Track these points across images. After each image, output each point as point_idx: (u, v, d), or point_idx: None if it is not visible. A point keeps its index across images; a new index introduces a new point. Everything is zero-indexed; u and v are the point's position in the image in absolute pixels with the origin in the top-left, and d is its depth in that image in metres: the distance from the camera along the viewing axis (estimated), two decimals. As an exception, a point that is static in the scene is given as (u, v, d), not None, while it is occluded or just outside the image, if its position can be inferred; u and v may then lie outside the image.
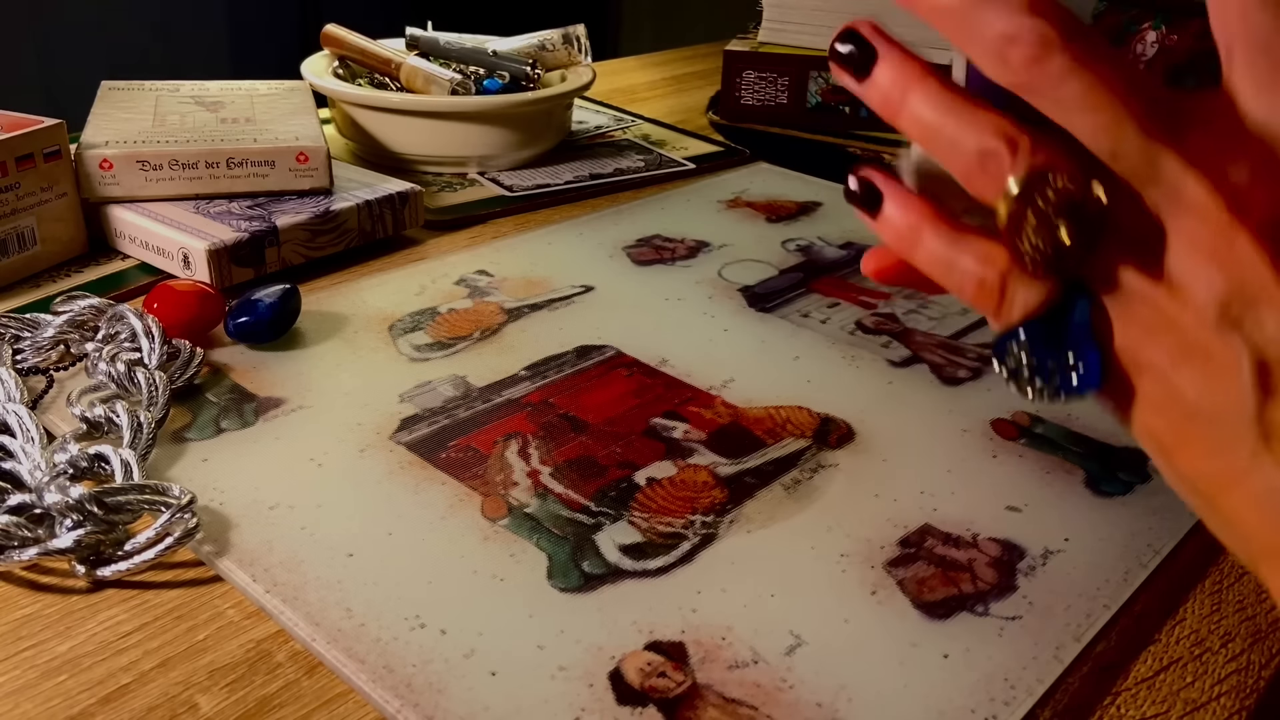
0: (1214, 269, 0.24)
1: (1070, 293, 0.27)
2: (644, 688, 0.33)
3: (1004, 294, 0.27)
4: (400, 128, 0.77)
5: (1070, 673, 0.34)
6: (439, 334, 0.54)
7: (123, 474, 0.40)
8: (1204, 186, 0.24)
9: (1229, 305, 0.24)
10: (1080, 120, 0.25)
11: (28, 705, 0.32)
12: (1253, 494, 0.24)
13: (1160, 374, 0.26)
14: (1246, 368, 0.24)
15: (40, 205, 0.57)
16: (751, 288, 0.61)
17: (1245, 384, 0.24)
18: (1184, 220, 0.24)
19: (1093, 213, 0.25)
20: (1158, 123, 0.24)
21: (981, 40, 0.25)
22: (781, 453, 0.45)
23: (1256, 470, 0.24)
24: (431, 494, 0.41)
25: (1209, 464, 0.25)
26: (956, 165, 0.27)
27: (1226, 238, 0.24)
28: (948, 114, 0.27)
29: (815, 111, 0.96)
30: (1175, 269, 0.24)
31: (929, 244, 0.28)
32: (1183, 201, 0.24)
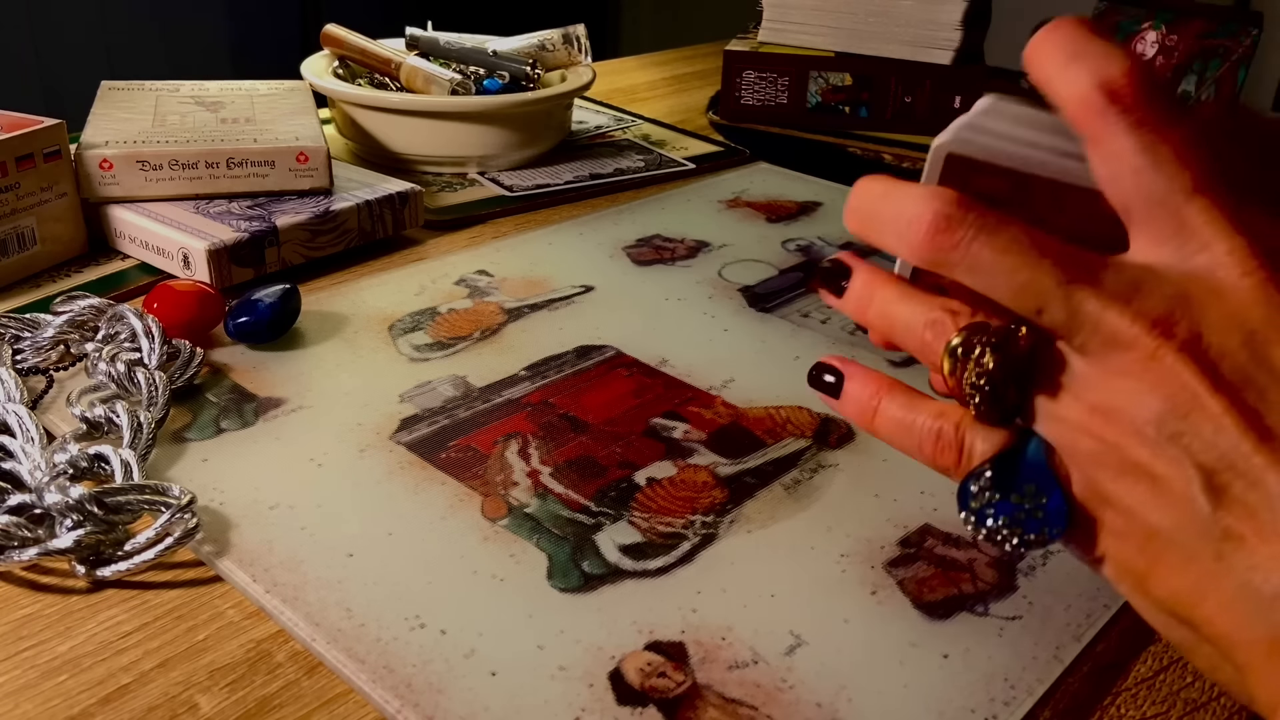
0: (1145, 390, 0.25)
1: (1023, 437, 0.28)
2: (644, 688, 0.33)
3: (961, 445, 0.29)
4: (400, 128, 0.77)
5: (1070, 673, 0.34)
6: (439, 334, 0.54)
7: (123, 474, 0.40)
8: (1125, 318, 0.26)
9: (1164, 422, 0.25)
10: (999, 285, 0.27)
11: (28, 705, 0.32)
12: (1222, 599, 0.25)
13: (1114, 501, 0.27)
14: (1193, 476, 0.25)
15: (40, 205, 0.57)
16: (751, 288, 0.61)
17: (1195, 491, 0.25)
18: (1111, 353, 0.26)
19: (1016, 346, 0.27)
20: (1073, 273, 0.26)
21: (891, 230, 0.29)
22: (781, 453, 0.45)
23: (1224, 573, 0.25)
24: (431, 494, 0.41)
25: (1178, 580, 0.26)
26: (911, 343, 0.30)
27: (1154, 359, 0.25)
28: (904, 302, 0.30)
29: (815, 111, 0.96)
30: (1110, 399, 0.26)
31: (887, 410, 0.31)
32: (1107, 337, 0.26)
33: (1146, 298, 0.26)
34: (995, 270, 0.27)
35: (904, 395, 0.31)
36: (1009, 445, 0.28)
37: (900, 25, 0.92)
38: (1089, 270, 0.26)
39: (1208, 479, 0.25)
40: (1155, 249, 0.27)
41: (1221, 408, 0.25)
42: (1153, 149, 0.26)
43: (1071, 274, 0.26)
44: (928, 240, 0.28)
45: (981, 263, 0.27)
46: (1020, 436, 0.29)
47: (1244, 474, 0.25)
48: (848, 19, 0.94)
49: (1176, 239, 0.26)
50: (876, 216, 0.29)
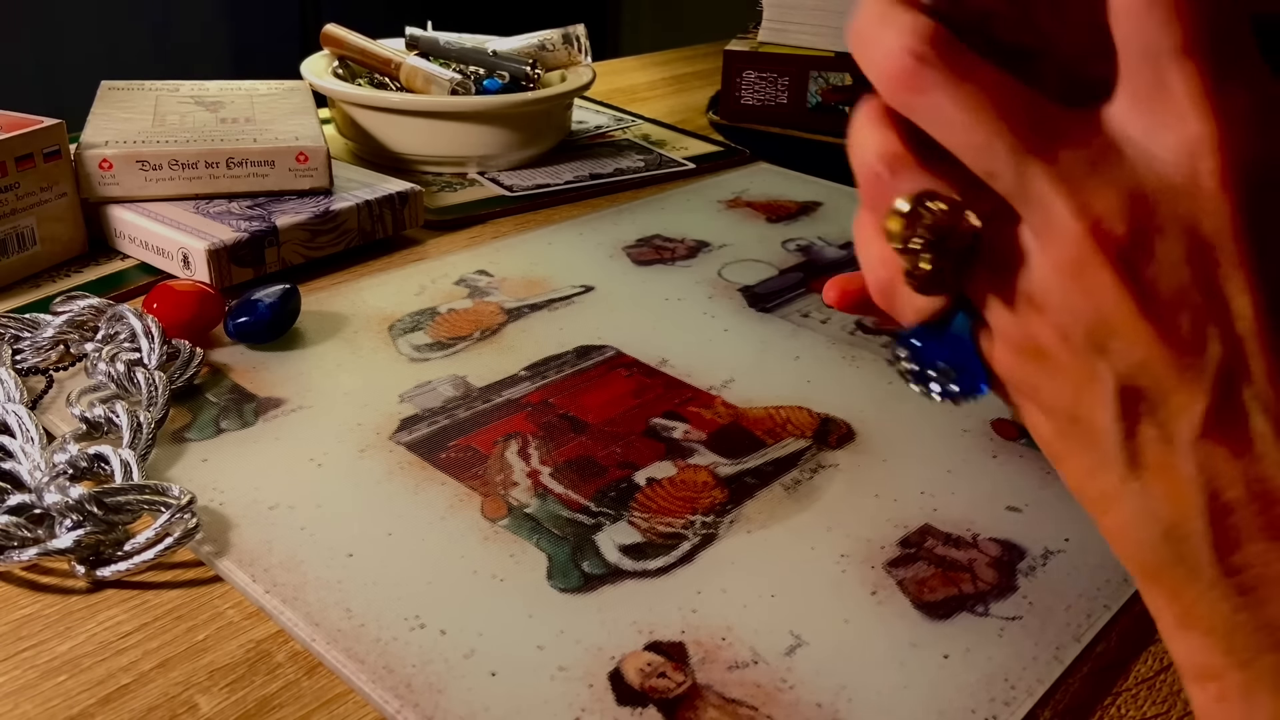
0: (1077, 295, 0.24)
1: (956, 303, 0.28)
2: (644, 688, 0.33)
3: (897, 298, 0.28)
4: (400, 128, 0.77)
5: (1070, 673, 0.34)
6: (439, 334, 0.54)
7: (122, 474, 0.40)
8: (1070, 209, 0.24)
9: (1092, 333, 0.24)
10: (956, 139, 0.25)
11: (28, 705, 0.32)
12: (1122, 518, 0.25)
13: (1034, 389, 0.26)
14: (1111, 395, 0.24)
15: (40, 205, 0.57)
16: (751, 288, 0.61)
17: (1110, 412, 0.24)
18: (1051, 243, 0.24)
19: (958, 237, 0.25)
20: (1031, 142, 0.24)
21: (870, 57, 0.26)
22: (781, 453, 0.45)
23: (1126, 495, 0.25)
24: (431, 494, 0.41)
25: (1086, 485, 0.26)
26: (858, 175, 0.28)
27: (1091, 265, 0.24)
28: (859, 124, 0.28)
29: (815, 111, 0.96)
30: (1042, 292, 0.25)
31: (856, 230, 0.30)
32: (1051, 224, 0.24)
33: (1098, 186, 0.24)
34: (953, 124, 0.25)
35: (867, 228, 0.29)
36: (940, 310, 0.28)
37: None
38: (1049, 140, 0.24)
39: (1126, 402, 0.24)
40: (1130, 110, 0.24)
41: (1149, 334, 0.23)
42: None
43: (1029, 142, 0.24)
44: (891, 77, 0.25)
45: (942, 114, 0.25)
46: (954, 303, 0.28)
47: (1162, 405, 0.24)
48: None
49: (1151, 103, 0.24)
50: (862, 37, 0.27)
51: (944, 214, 0.25)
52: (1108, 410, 0.24)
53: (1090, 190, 0.24)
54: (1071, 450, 0.26)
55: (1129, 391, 0.24)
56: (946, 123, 0.25)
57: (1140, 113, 0.24)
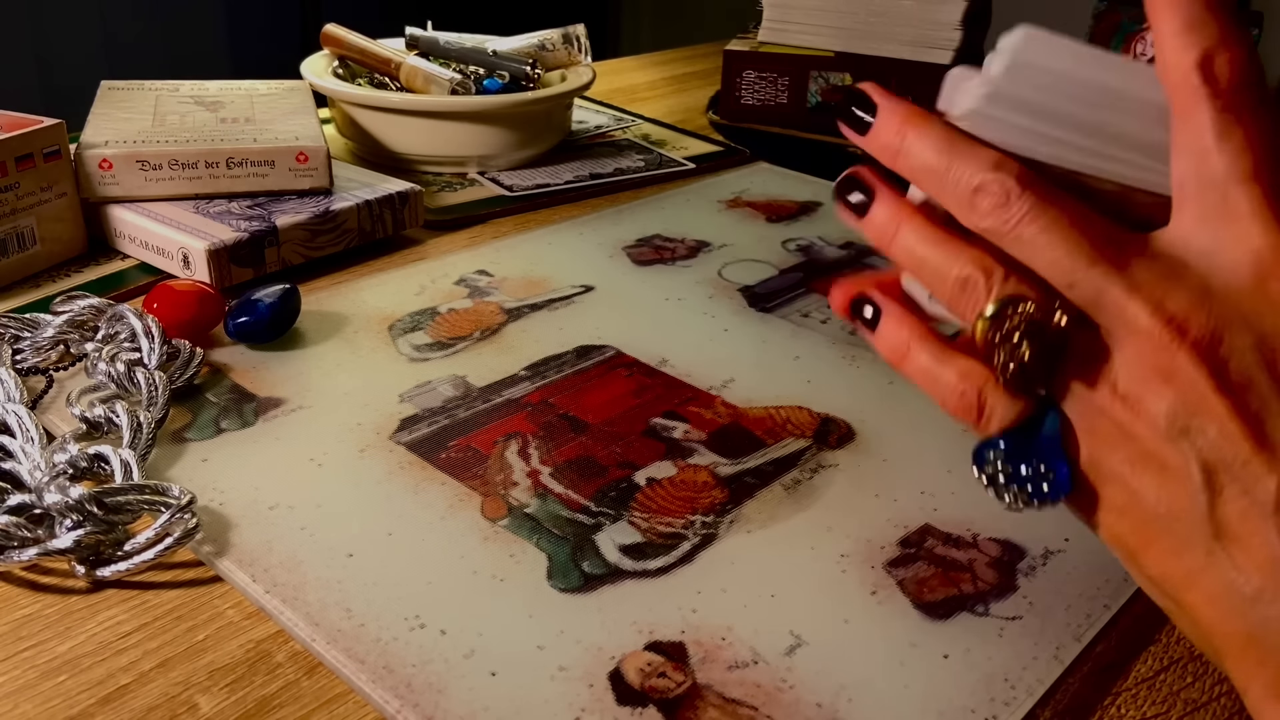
0: (1160, 384, 0.27)
1: (1041, 408, 0.30)
2: (644, 688, 0.33)
3: (982, 408, 0.30)
4: (400, 128, 0.77)
5: (1070, 673, 0.34)
6: (439, 334, 0.54)
7: (122, 474, 0.40)
8: (1146, 311, 0.27)
9: (1175, 416, 0.26)
10: (1040, 257, 0.28)
11: (28, 705, 0.32)
12: (1209, 591, 0.27)
13: (1122, 481, 0.28)
14: (1196, 472, 0.26)
15: (40, 205, 0.57)
16: (751, 288, 0.61)
17: (1196, 487, 0.26)
18: (1131, 342, 0.27)
19: (1052, 335, 0.28)
20: (1105, 257, 0.27)
21: (955, 193, 0.29)
22: (781, 453, 0.45)
23: (1212, 567, 0.26)
24: (431, 494, 0.41)
25: (1171, 565, 0.28)
26: (940, 291, 0.30)
27: (1169, 355, 0.26)
28: (934, 247, 0.30)
29: (815, 111, 0.96)
30: (1128, 386, 0.27)
31: (917, 358, 0.31)
32: (1128, 325, 0.27)
33: (1170, 289, 0.27)
34: (1037, 244, 0.28)
35: (934, 346, 0.31)
36: (1027, 414, 0.30)
37: (900, 25, 0.92)
38: (1122, 253, 0.27)
39: (1208, 476, 0.26)
40: (1195, 228, 0.27)
41: (1225, 410, 0.26)
42: (1227, 133, 0.27)
43: (1104, 256, 0.27)
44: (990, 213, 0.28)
45: (1026, 237, 0.28)
46: (1039, 406, 0.30)
47: (1239, 477, 0.26)
48: (848, 19, 0.94)
49: (1218, 221, 0.27)
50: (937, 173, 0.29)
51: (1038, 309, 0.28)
52: (1193, 484, 0.26)
53: (1164, 292, 0.27)
54: (1154, 537, 0.28)
55: (1210, 465, 0.26)
56: (1031, 243, 0.28)
57: (1207, 230, 0.27)
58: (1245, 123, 0.27)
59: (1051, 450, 0.29)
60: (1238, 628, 0.26)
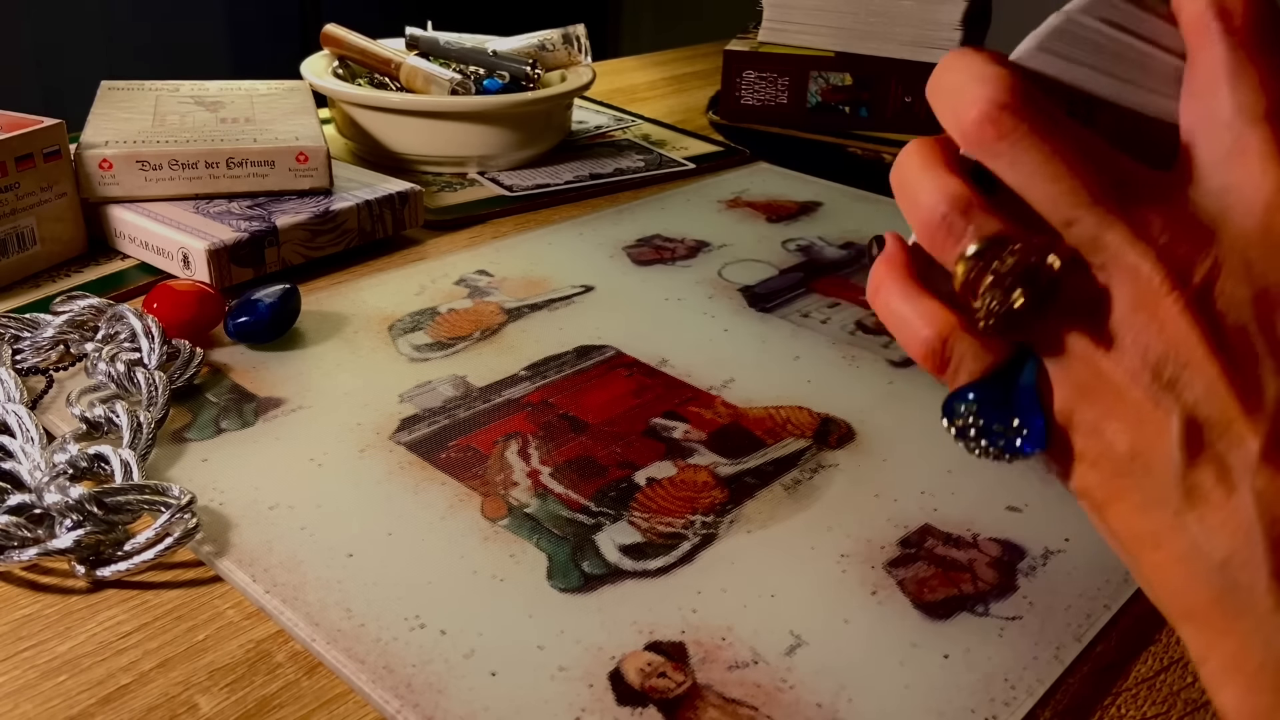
0: (1150, 333, 0.25)
1: (1018, 357, 0.28)
2: (644, 688, 0.33)
3: (948, 357, 0.28)
4: (400, 128, 0.77)
5: (1070, 673, 0.34)
6: (439, 334, 0.54)
7: (122, 474, 0.40)
8: (1146, 257, 0.25)
9: (1162, 367, 0.25)
10: (1036, 189, 0.26)
11: (28, 705, 0.32)
12: (1174, 553, 0.26)
13: (1096, 432, 0.27)
14: (1175, 427, 0.25)
15: (40, 205, 0.57)
16: (751, 288, 0.61)
17: (1173, 442, 0.25)
18: (1125, 287, 0.26)
19: (1045, 280, 0.26)
20: (1109, 195, 0.26)
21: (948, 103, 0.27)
22: (781, 453, 0.45)
23: (1180, 530, 0.25)
24: (431, 494, 0.41)
25: (1137, 521, 0.27)
26: (918, 221, 0.28)
27: (1163, 305, 0.25)
28: (916, 168, 0.28)
29: (815, 111, 0.96)
30: (1114, 331, 0.26)
31: (886, 296, 0.30)
32: (1125, 269, 0.26)
33: (1174, 236, 0.26)
34: (1035, 175, 0.26)
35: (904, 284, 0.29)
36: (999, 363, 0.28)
37: (900, 25, 0.92)
38: (1127, 192, 0.26)
39: (1189, 432, 0.25)
40: (1205, 169, 0.26)
41: (1216, 368, 0.25)
42: (1238, 70, 0.26)
43: (1107, 195, 0.26)
44: (976, 125, 0.27)
45: (1023, 162, 0.26)
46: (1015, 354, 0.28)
47: (1223, 435, 0.25)
48: (848, 19, 0.94)
49: (1228, 162, 0.26)
50: (941, 85, 0.28)
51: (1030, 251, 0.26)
52: (1171, 440, 0.25)
53: (1167, 238, 0.26)
54: (1122, 492, 0.27)
55: (1193, 422, 0.25)
56: (1029, 171, 0.26)
57: (1217, 172, 0.26)
58: (1259, 62, 0.26)
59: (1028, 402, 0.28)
60: (1202, 593, 0.25)
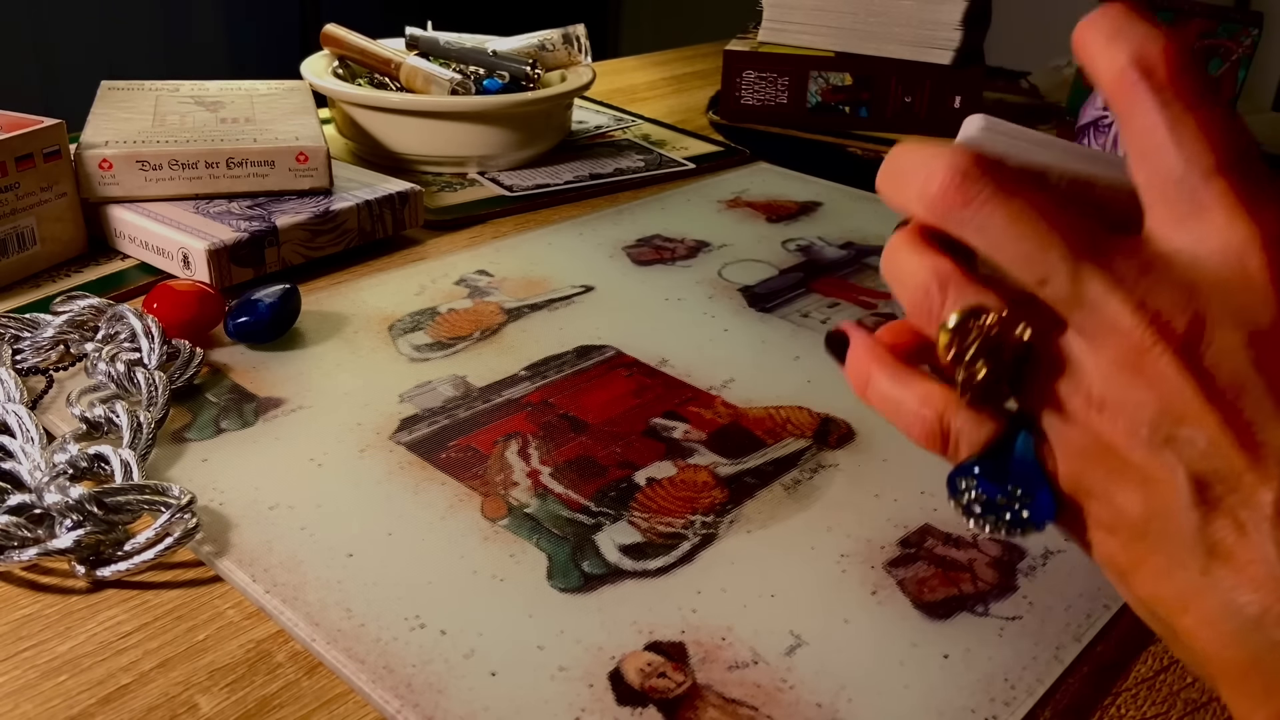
0: (1142, 389, 0.25)
1: (1013, 427, 0.28)
2: (644, 688, 0.33)
3: (946, 434, 0.28)
4: (400, 128, 0.77)
5: (1070, 673, 0.34)
6: (439, 334, 0.54)
7: (122, 474, 0.40)
8: (1127, 308, 0.25)
9: (1159, 425, 0.25)
10: (1007, 250, 0.26)
11: (28, 705, 0.32)
12: (1206, 615, 0.25)
13: (1105, 497, 0.26)
14: (1184, 485, 0.24)
15: (40, 205, 0.57)
16: (751, 288, 0.61)
17: (1185, 502, 0.24)
18: (1109, 343, 0.25)
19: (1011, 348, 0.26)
20: (1083, 249, 0.25)
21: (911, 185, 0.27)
22: (781, 453, 0.45)
23: (1209, 589, 0.24)
24: (431, 494, 0.41)
25: (1163, 586, 0.26)
26: (906, 300, 0.29)
27: (1150, 358, 0.24)
28: (901, 252, 0.29)
29: (815, 111, 0.96)
30: (1105, 392, 0.25)
31: (878, 384, 0.30)
32: (1107, 324, 0.25)
33: (1152, 286, 0.25)
34: (1004, 236, 0.26)
35: (891, 371, 0.30)
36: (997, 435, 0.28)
37: (900, 25, 0.92)
38: (1099, 248, 0.26)
39: (1199, 490, 0.24)
40: (1170, 229, 0.26)
41: (1215, 420, 0.24)
42: (1178, 126, 0.25)
43: (1080, 249, 0.25)
44: (940, 196, 0.27)
45: (991, 226, 0.26)
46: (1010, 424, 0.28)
47: (1235, 489, 0.24)
48: (848, 19, 0.94)
49: (1191, 220, 0.25)
50: (900, 172, 0.28)
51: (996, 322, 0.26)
52: (1182, 498, 0.24)
53: (1145, 289, 0.25)
54: (1143, 556, 0.26)
55: (1201, 477, 0.24)
56: (996, 234, 0.26)
57: (1181, 229, 0.26)
58: (1194, 114, 0.25)
59: (1028, 473, 0.27)
60: (1238, 654, 0.24)
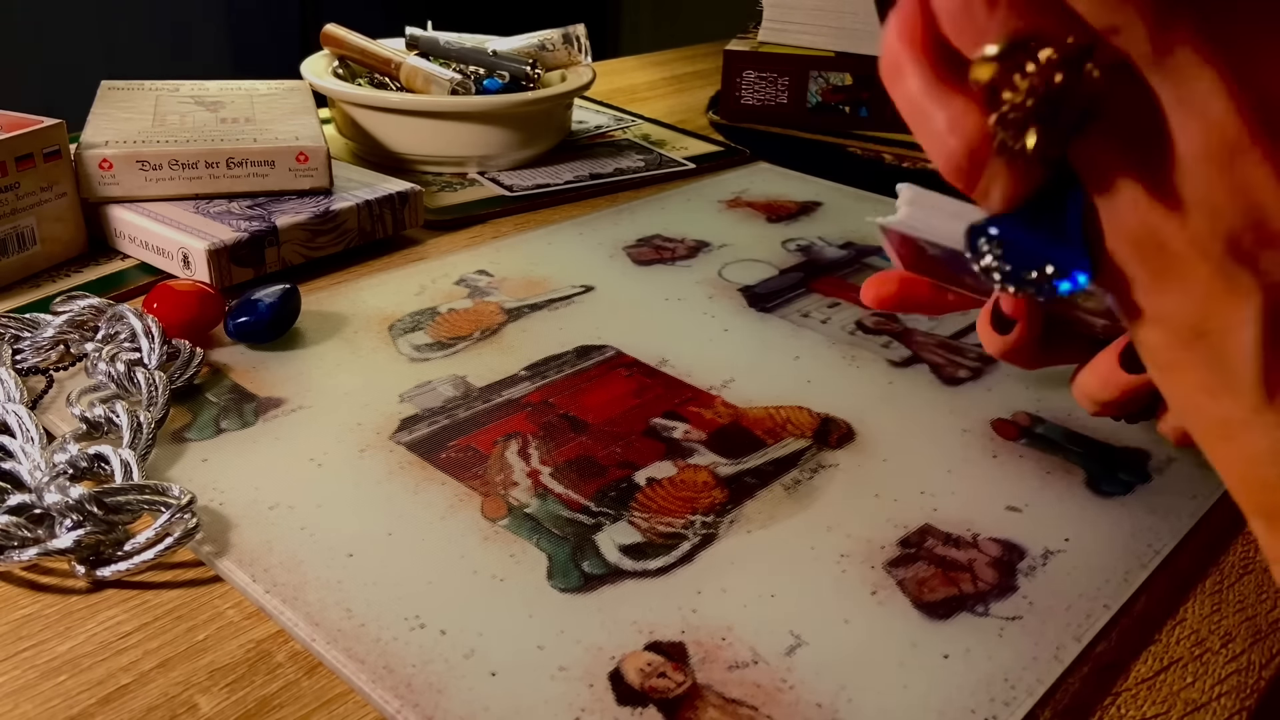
0: (1225, 191, 0.20)
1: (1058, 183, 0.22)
2: (644, 688, 0.33)
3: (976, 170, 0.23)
4: (400, 128, 0.77)
5: (1070, 673, 0.34)
6: (439, 334, 0.54)
7: (122, 474, 0.40)
8: (1224, 85, 0.19)
9: (1240, 238, 0.20)
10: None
11: (28, 705, 0.32)
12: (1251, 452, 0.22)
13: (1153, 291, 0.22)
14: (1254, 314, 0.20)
15: (40, 205, 0.57)
16: (751, 288, 0.61)
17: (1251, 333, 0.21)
18: (1195, 123, 0.20)
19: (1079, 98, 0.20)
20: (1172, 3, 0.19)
21: None
22: (781, 453, 0.45)
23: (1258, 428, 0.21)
24: (431, 494, 0.41)
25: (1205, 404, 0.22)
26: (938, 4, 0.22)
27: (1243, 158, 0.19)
28: None
29: (815, 111, 0.96)
30: (1177, 182, 0.20)
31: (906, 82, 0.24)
32: (1196, 100, 0.20)
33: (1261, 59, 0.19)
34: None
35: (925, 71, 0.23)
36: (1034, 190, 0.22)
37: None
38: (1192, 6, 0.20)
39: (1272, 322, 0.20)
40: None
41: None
42: None
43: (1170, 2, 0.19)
44: None
45: None
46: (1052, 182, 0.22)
47: None
48: (848, 19, 0.94)
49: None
50: None
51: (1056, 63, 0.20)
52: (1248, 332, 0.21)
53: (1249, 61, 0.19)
54: (1190, 364, 0.22)
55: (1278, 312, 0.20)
56: None
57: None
58: None
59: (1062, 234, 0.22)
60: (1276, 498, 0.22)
